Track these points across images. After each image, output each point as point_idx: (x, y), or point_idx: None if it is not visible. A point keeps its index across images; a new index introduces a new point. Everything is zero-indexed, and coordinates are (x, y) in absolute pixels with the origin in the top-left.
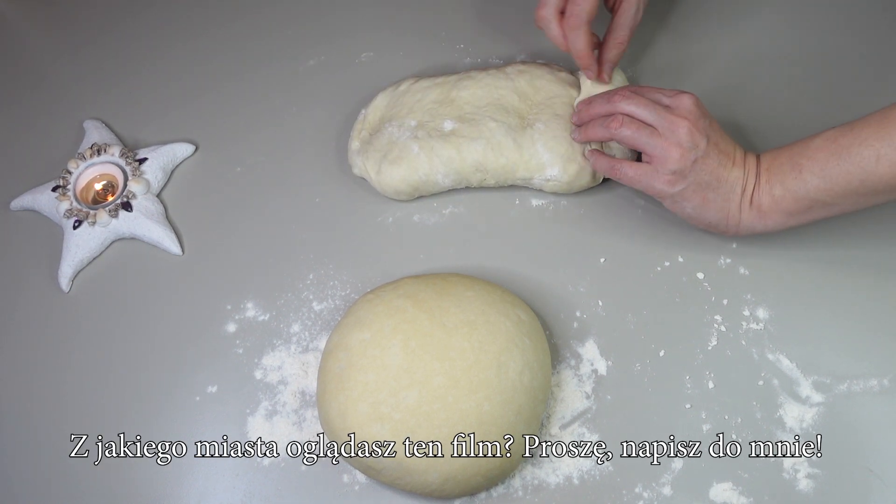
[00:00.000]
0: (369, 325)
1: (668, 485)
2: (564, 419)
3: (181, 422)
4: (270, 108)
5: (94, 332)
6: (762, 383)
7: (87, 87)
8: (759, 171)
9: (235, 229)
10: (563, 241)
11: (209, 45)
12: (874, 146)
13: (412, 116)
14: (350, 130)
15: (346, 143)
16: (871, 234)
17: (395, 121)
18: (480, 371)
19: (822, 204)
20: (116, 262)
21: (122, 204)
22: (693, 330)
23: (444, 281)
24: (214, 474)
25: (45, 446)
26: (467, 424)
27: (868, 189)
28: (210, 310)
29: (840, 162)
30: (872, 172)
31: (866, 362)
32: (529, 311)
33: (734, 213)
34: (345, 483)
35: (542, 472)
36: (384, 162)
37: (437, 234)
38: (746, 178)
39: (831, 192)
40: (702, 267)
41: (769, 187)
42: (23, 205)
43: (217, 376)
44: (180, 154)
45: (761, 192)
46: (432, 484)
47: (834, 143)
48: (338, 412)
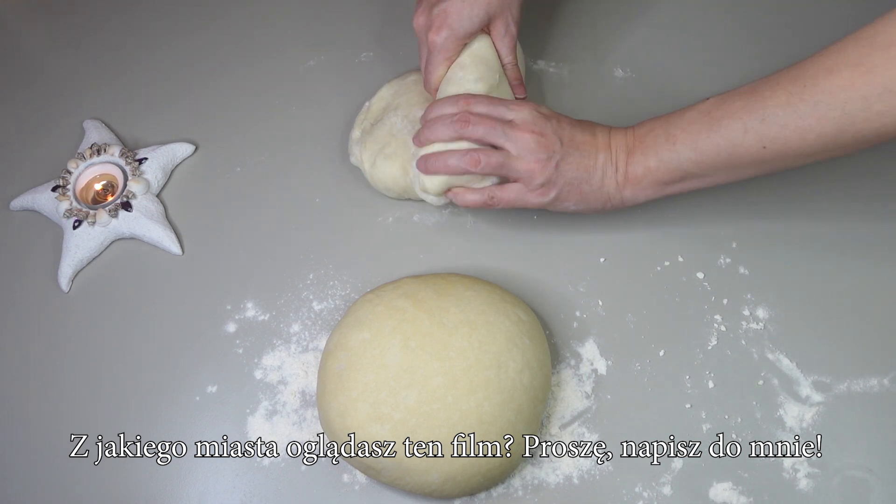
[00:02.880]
0: (369, 325)
1: (668, 484)
2: (564, 419)
3: (181, 422)
4: (270, 108)
5: (93, 332)
6: (762, 383)
7: (87, 87)
8: (633, 145)
9: (235, 229)
10: (563, 241)
11: (209, 45)
12: (742, 119)
13: (418, 107)
14: (350, 130)
15: (346, 143)
16: (871, 234)
17: (399, 110)
18: (480, 371)
19: (694, 175)
20: (116, 262)
21: (122, 204)
22: (693, 330)
23: (444, 281)
24: (214, 474)
25: (45, 446)
26: (467, 424)
27: (736, 162)
28: (210, 310)
29: (711, 135)
30: (740, 145)
31: (866, 362)
32: (529, 311)
33: (614, 193)
34: (345, 483)
35: (542, 472)
36: (380, 155)
37: (437, 234)
38: (616, 157)
39: (702, 165)
40: (702, 267)
41: (644, 158)
42: (23, 205)
43: (217, 376)
44: (180, 154)
45: (636, 163)
46: (432, 484)
47: (707, 115)
48: (338, 412)
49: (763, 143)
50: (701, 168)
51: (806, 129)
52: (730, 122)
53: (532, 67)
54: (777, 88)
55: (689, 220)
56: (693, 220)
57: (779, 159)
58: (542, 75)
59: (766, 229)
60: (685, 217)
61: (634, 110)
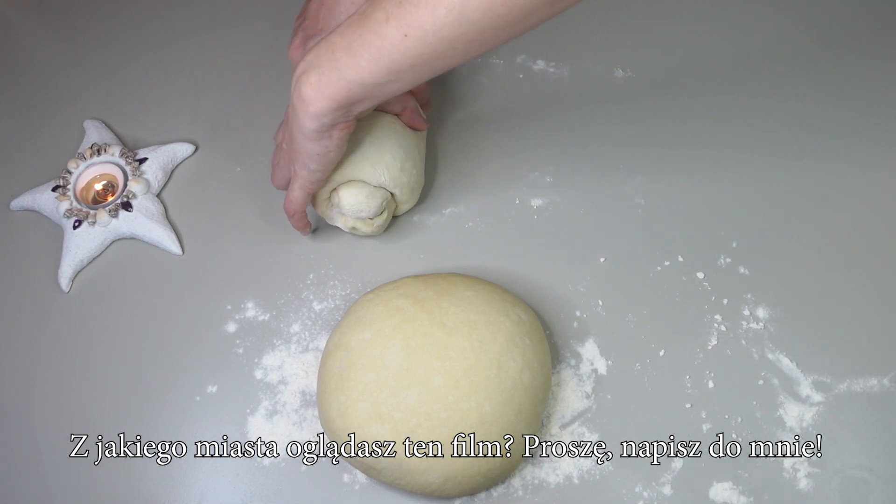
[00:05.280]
0: (369, 324)
1: (668, 484)
2: (564, 419)
3: (181, 422)
4: (270, 107)
5: (94, 332)
6: (762, 383)
7: (87, 87)
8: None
9: (235, 229)
10: (563, 241)
11: (209, 44)
12: (385, 7)
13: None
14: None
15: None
16: (871, 234)
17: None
18: (481, 371)
19: (359, 84)
20: (116, 262)
21: (122, 204)
22: (693, 330)
23: (444, 281)
24: (214, 474)
25: (45, 446)
26: (467, 424)
27: (389, 64)
28: (210, 310)
29: (363, 31)
30: (384, 36)
31: (866, 362)
32: (529, 310)
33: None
34: (345, 483)
35: (542, 472)
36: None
37: (437, 234)
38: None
39: (365, 71)
40: (702, 266)
41: (307, 78)
42: (23, 205)
43: (217, 376)
44: (180, 154)
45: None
46: (432, 484)
47: (360, 14)
48: (338, 412)
49: (404, 31)
50: (361, 74)
51: (435, 2)
52: (375, 12)
53: (532, 67)
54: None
55: (689, 220)
56: (693, 220)
57: (422, 47)
58: (543, 75)
59: (766, 229)
60: (685, 217)
61: (634, 110)
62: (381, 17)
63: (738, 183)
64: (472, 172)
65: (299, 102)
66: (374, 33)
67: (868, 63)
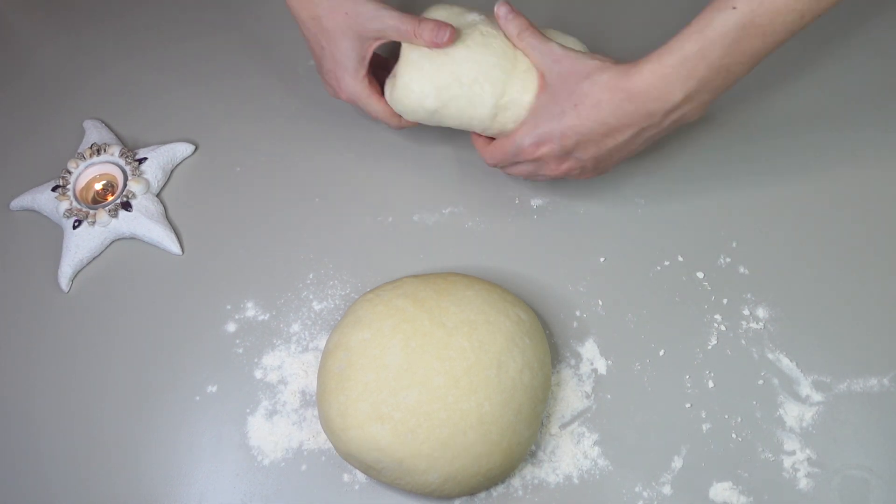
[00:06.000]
0: (369, 324)
1: (668, 484)
2: (564, 419)
3: (181, 422)
4: (270, 107)
5: (94, 332)
6: (762, 383)
7: (87, 87)
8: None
9: (235, 229)
10: (563, 241)
11: (209, 44)
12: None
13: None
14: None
15: (346, 143)
16: (871, 234)
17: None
18: (480, 370)
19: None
20: (116, 262)
21: (122, 204)
22: (693, 329)
23: (444, 281)
24: (214, 474)
25: (45, 446)
26: (467, 424)
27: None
28: (210, 310)
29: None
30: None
31: (866, 362)
32: (529, 310)
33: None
34: (345, 483)
35: (542, 472)
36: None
37: (437, 234)
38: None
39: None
40: (701, 266)
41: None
42: (23, 205)
43: (217, 376)
44: (180, 154)
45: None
46: (432, 484)
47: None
48: (338, 412)
49: (733, 4)
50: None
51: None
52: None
53: None
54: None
55: (689, 220)
56: (693, 220)
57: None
58: None
59: (766, 229)
60: (685, 217)
61: None
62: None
63: (737, 183)
64: (472, 172)
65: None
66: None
67: (868, 63)
